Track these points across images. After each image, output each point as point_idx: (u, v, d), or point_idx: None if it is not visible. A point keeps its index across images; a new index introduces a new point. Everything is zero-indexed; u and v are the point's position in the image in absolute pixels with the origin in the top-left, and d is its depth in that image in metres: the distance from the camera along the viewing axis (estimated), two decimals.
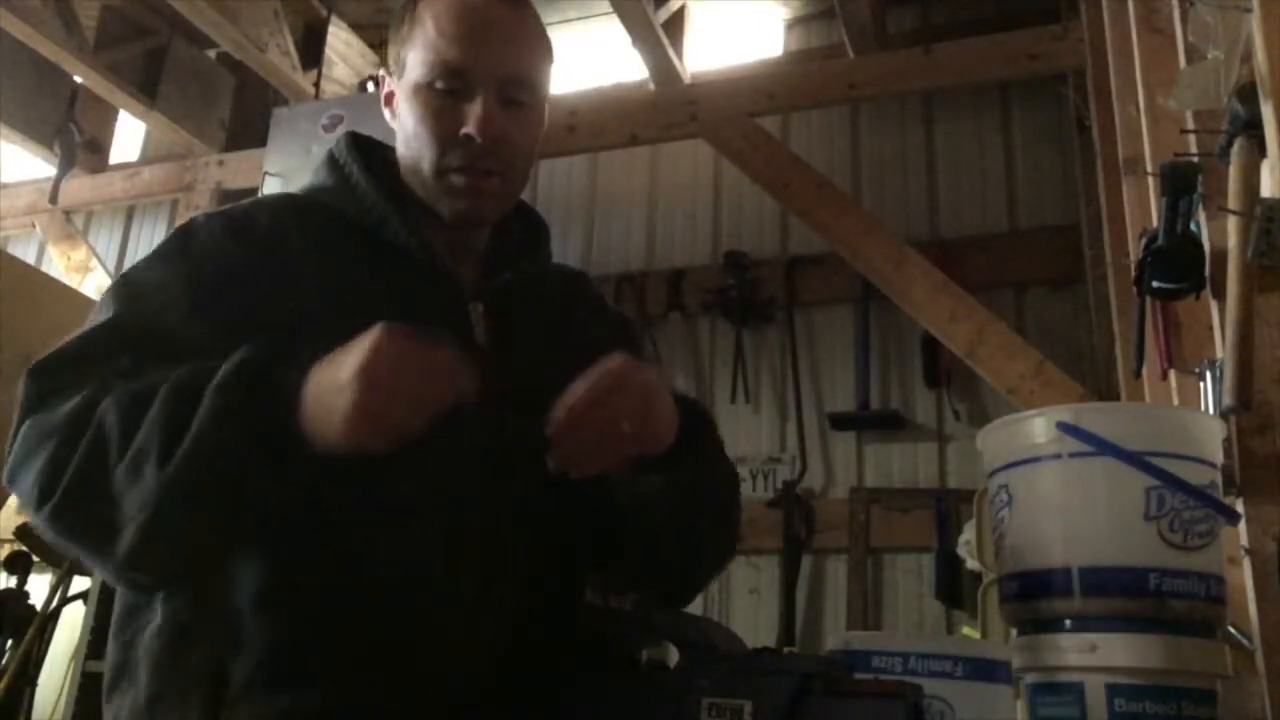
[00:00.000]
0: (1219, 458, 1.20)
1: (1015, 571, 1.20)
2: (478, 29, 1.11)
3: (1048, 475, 1.18)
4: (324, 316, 1.02)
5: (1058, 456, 1.16)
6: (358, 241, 1.11)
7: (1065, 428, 1.15)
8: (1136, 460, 1.12)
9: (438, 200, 1.13)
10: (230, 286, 1.04)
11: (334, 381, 0.86)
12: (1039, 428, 1.19)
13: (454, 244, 1.16)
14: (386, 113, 1.19)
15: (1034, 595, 1.17)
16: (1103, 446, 1.13)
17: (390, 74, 1.18)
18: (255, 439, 0.87)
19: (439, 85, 1.10)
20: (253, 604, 0.97)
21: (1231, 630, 1.41)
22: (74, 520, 0.93)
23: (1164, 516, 1.11)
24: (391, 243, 1.11)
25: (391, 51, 1.17)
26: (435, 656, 0.99)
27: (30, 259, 5.69)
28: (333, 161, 1.18)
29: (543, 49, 1.17)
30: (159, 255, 1.08)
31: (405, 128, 1.14)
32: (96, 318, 1.02)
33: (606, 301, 1.35)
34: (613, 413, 0.96)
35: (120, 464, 0.88)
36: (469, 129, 1.08)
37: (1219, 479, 1.18)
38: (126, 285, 1.05)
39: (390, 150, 1.21)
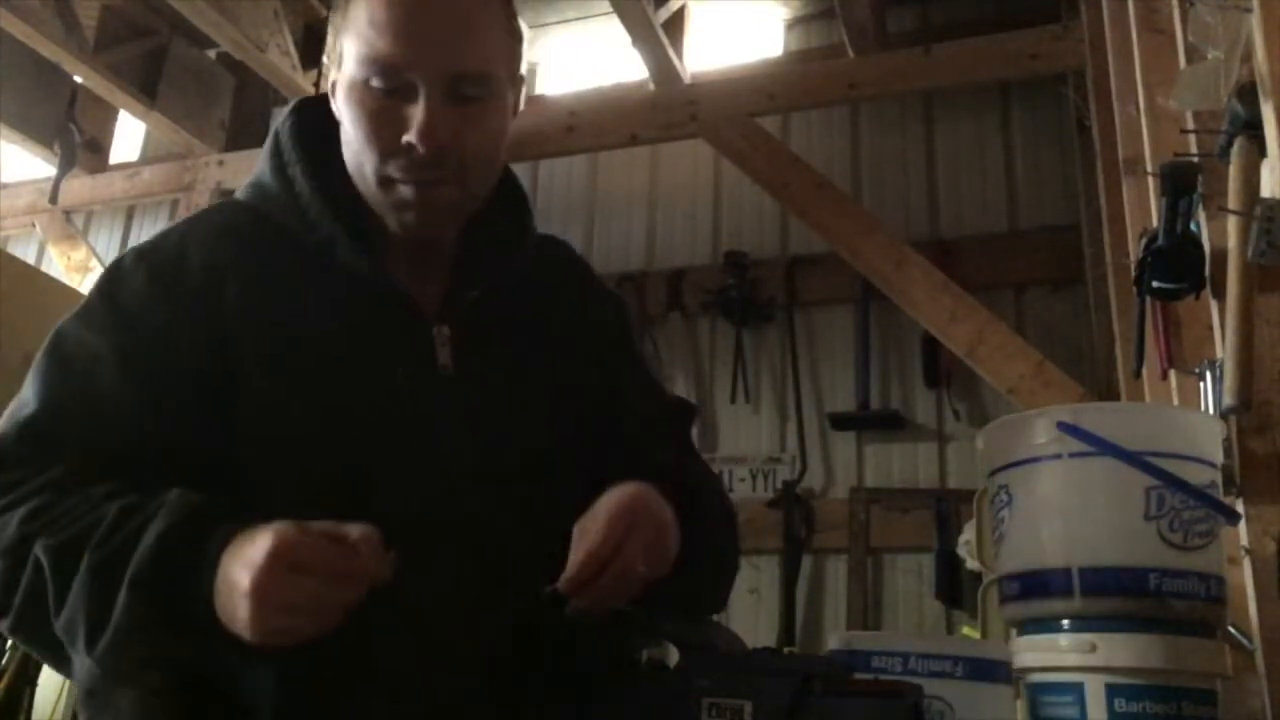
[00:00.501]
0: (1219, 458, 1.20)
1: (1015, 571, 1.20)
2: (416, 17, 0.97)
3: (1048, 475, 1.18)
4: (266, 366, 0.99)
5: (1058, 456, 1.16)
6: (305, 264, 1.03)
7: (1065, 428, 1.15)
8: (1136, 460, 1.12)
9: (384, 212, 1.03)
10: (159, 348, 0.99)
11: (234, 590, 0.82)
12: (1039, 428, 1.19)
13: (417, 252, 1.07)
14: (333, 104, 1.05)
15: (1034, 595, 1.17)
16: (1103, 446, 1.13)
17: (330, 62, 1.05)
18: (172, 632, 0.86)
19: (375, 84, 0.98)
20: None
21: (1231, 630, 1.41)
22: (28, 641, 0.95)
23: (1164, 516, 1.11)
24: (342, 263, 1.03)
25: (329, 38, 1.05)
26: (429, 662, 0.99)
27: (30, 259, 5.68)
28: (276, 157, 1.08)
29: (498, 31, 1.02)
30: (88, 316, 1.03)
31: (345, 127, 1.02)
32: (32, 393, 0.99)
33: (597, 280, 1.25)
34: (625, 562, 0.92)
35: (58, 622, 0.88)
36: (410, 137, 0.96)
37: (1219, 479, 1.18)
38: (59, 354, 1.01)
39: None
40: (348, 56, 1.01)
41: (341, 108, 1.03)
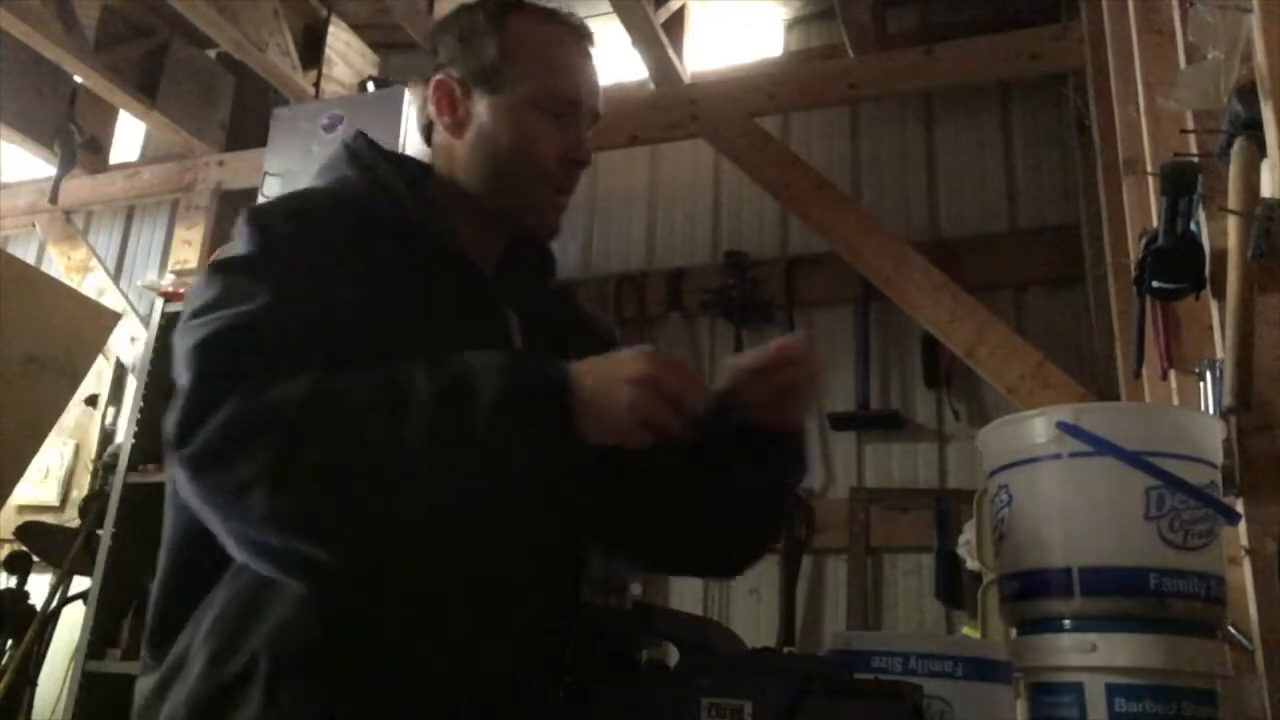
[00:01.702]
0: (1219, 458, 1.21)
1: (1015, 571, 1.20)
2: (586, 65, 1.23)
3: (1048, 475, 1.18)
4: (394, 318, 1.04)
5: (1058, 456, 1.17)
6: (394, 244, 1.10)
7: (1065, 428, 1.15)
8: (1136, 460, 1.12)
9: (524, 213, 1.20)
10: (332, 281, 1.03)
11: (615, 381, 0.94)
12: (1039, 428, 1.19)
13: (481, 248, 1.20)
14: (443, 116, 1.19)
15: (1034, 595, 1.17)
16: (1103, 446, 1.13)
17: (458, 76, 1.18)
18: (539, 428, 0.92)
19: (551, 110, 1.18)
20: (297, 605, 0.96)
21: (1231, 630, 1.42)
22: (317, 511, 0.90)
23: (1164, 516, 1.12)
24: (427, 246, 1.11)
25: (464, 51, 1.19)
26: (464, 656, 0.99)
27: (30, 259, 5.68)
28: (356, 159, 1.17)
29: None
30: (264, 242, 1.04)
31: (497, 138, 1.17)
32: (247, 300, 0.97)
33: (592, 312, 1.40)
34: (801, 371, 1.09)
35: (408, 436, 0.89)
36: (578, 155, 1.20)
37: (1219, 479, 1.18)
38: (255, 270, 1.01)
39: (395, 155, 1.21)
40: (518, 81, 1.18)
41: (497, 120, 1.18)
